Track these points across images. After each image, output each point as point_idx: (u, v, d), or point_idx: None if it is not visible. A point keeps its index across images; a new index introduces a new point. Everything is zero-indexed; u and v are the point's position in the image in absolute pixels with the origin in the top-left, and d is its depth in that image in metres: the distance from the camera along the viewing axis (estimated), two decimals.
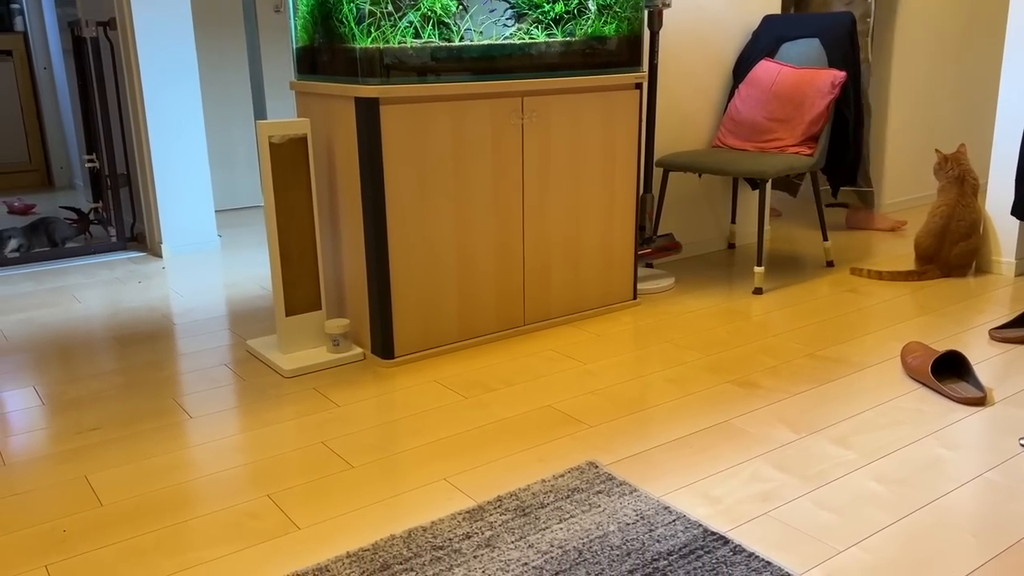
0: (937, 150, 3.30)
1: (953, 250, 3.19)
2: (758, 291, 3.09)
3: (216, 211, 4.77)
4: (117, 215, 3.86)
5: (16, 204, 4.75)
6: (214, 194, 4.76)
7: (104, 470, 1.87)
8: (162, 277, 3.45)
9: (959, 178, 3.19)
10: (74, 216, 3.98)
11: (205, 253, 3.82)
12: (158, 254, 3.78)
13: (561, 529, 1.60)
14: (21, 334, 2.77)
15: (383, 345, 2.44)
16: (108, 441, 2.01)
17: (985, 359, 2.43)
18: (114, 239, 3.88)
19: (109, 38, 3.79)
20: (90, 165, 4.04)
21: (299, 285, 2.45)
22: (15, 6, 5.55)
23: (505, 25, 2.42)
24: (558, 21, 2.51)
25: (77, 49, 3.89)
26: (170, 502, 1.74)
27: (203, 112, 4.54)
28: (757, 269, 3.08)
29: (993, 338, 2.59)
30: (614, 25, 2.64)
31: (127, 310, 3.02)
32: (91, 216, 4.10)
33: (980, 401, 2.14)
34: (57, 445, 2.00)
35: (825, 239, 3.40)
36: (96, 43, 3.70)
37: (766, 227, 3.97)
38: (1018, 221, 3.21)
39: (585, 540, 1.57)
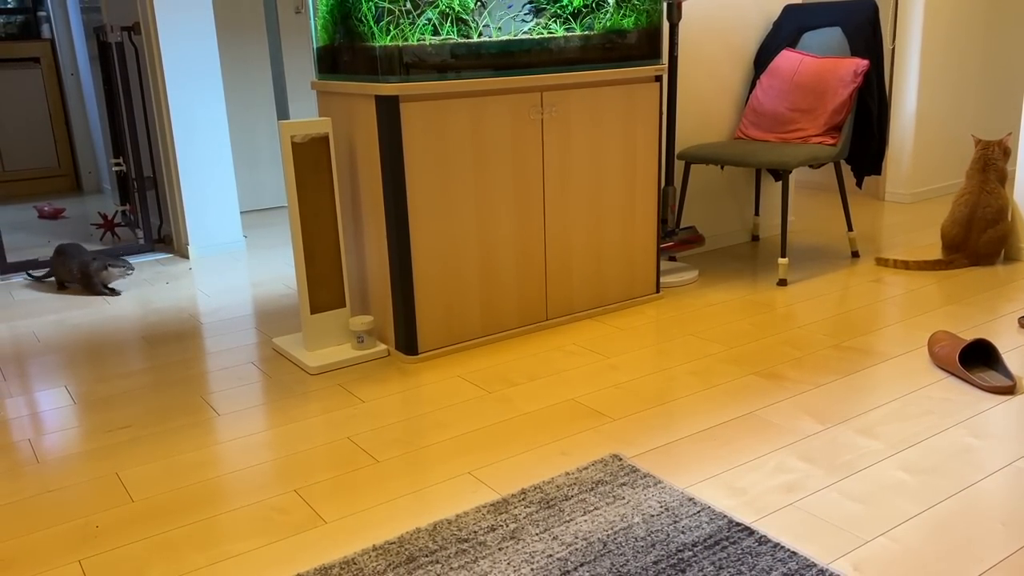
0: (975, 137, 3.26)
1: (981, 238, 3.15)
2: (782, 283, 3.08)
3: (241, 212, 4.82)
4: (144, 217, 3.91)
5: (46, 208, 4.83)
6: (239, 195, 4.81)
7: (135, 467, 1.91)
8: (189, 278, 3.49)
9: (982, 165, 3.15)
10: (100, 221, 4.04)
11: (231, 254, 3.86)
12: (185, 255, 3.83)
13: (585, 521, 1.61)
14: (53, 335, 2.82)
15: (407, 341, 2.45)
16: (138, 438, 2.05)
17: (1014, 347, 2.40)
18: (142, 241, 3.93)
19: (134, 43, 3.84)
20: (117, 169, 4.10)
21: (323, 283, 2.47)
22: (42, 14, 5.63)
23: (523, 20, 2.42)
24: (576, 15, 2.51)
25: (103, 54, 3.95)
26: (200, 497, 1.76)
27: (227, 114, 4.59)
28: (781, 261, 3.06)
29: (1022, 326, 2.55)
30: (632, 18, 2.63)
31: (155, 311, 3.06)
32: (115, 219, 4.16)
33: (1009, 390, 2.11)
34: (88, 443, 2.03)
35: (850, 229, 3.37)
36: (121, 48, 3.75)
37: (790, 218, 3.94)
38: None
39: (609, 532, 1.57)
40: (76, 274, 3.24)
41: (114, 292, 3.27)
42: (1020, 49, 4.70)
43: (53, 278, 3.44)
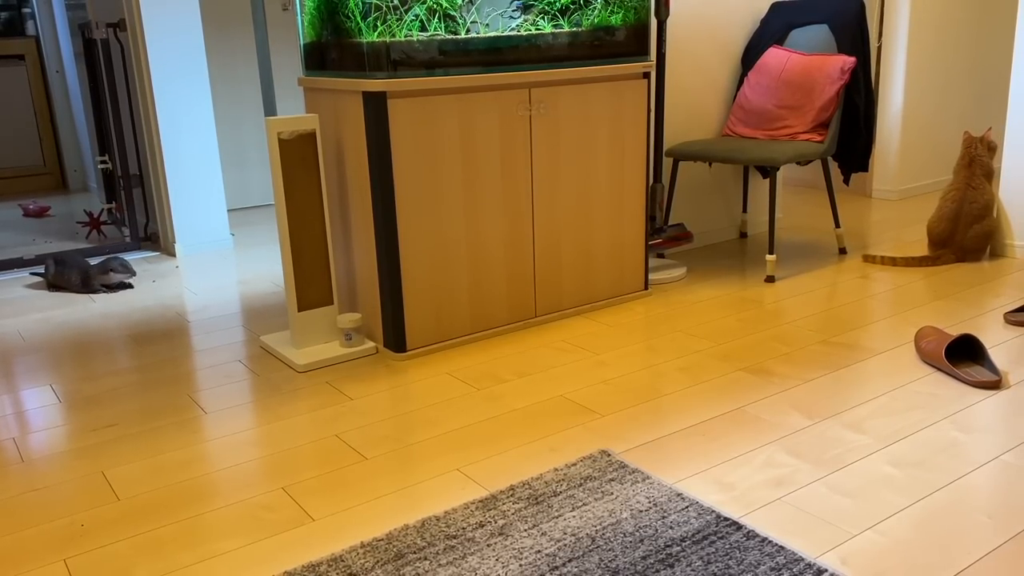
0: (966, 132, 3.27)
1: (968, 233, 3.17)
2: (770, 279, 3.08)
3: (228, 210, 4.80)
4: (130, 215, 3.89)
5: (31, 207, 4.80)
6: (226, 193, 4.79)
7: (120, 465, 1.89)
8: (176, 276, 3.47)
9: (968, 161, 3.17)
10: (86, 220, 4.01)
11: (218, 252, 3.84)
12: (172, 253, 3.81)
13: (574, 517, 1.61)
14: (38, 334, 2.80)
15: (395, 338, 2.44)
16: (124, 437, 2.03)
17: (1000, 342, 2.41)
18: (128, 239, 3.91)
19: (119, 39, 3.81)
20: (103, 166, 4.07)
21: (311, 280, 2.46)
22: (27, 10, 5.59)
23: (511, 17, 2.42)
24: (564, 11, 2.51)
25: (88, 51, 3.92)
26: (186, 496, 1.75)
27: (214, 111, 4.57)
28: (769, 257, 3.07)
29: (1008, 322, 2.57)
30: (620, 15, 2.63)
31: (142, 309, 3.04)
32: (101, 217, 4.13)
33: (995, 384, 2.12)
34: (74, 442, 2.02)
35: (837, 226, 3.38)
36: (106, 45, 3.72)
37: (778, 215, 3.95)
38: None
39: (598, 527, 1.57)
40: (76, 281, 3.23)
41: (128, 286, 3.28)
42: (1006, 46, 4.72)
43: (43, 279, 3.42)
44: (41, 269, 3.53)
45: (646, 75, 2.75)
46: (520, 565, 1.46)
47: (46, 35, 5.56)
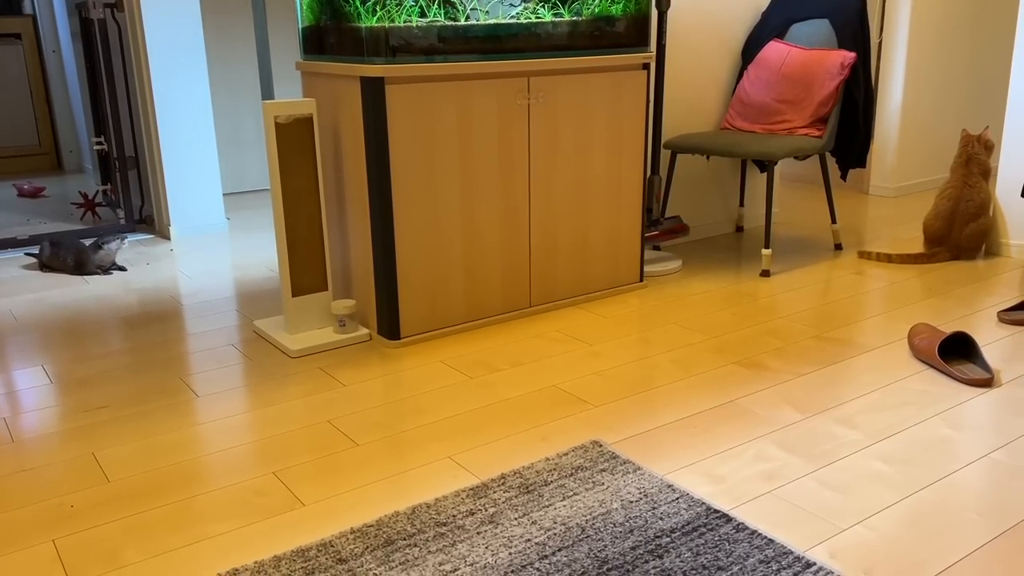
0: (964, 130, 3.27)
1: (963, 231, 3.17)
2: (765, 274, 3.08)
3: (224, 194, 4.78)
4: (126, 197, 3.87)
5: (26, 187, 4.77)
6: (222, 177, 4.77)
7: (111, 447, 1.89)
8: (170, 259, 3.46)
9: (965, 159, 3.17)
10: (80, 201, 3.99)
11: (213, 235, 3.83)
12: (166, 236, 3.80)
13: (564, 506, 1.61)
14: (31, 314, 2.79)
15: (389, 326, 2.44)
16: (115, 419, 2.03)
17: (993, 341, 2.42)
18: (123, 221, 3.89)
19: (116, 20, 3.79)
20: (98, 148, 4.05)
21: (306, 266, 2.46)
22: None
23: (511, 4, 2.41)
24: (565, 0, 2.50)
25: (85, 31, 3.89)
26: (176, 479, 1.75)
27: (211, 94, 4.55)
28: (765, 252, 3.07)
29: (1001, 320, 2.57)
30: (621, 5, 2.62)
31: (135, 291, 3.03)
32: (95, 199, 4.11)
33: (987, 382, 2.13)
34: (65, 423, 2.01)
35: (834, 222, 3.38)
36: (103, 25, 3.70)
37: (774, 210, 3.95)
38: None
39: (588, 517, 1.57)
40: (71, 263, 3.22)
41: (121, 268, 3.28)
42: (1005, 44, 4.72)
43: (36, 260, 3.40)
44: (36, 250, 3.52)
45: (646, 66, 2.74)
46: (510, 553, 1.47)
47: (43, 14, 5.52)
